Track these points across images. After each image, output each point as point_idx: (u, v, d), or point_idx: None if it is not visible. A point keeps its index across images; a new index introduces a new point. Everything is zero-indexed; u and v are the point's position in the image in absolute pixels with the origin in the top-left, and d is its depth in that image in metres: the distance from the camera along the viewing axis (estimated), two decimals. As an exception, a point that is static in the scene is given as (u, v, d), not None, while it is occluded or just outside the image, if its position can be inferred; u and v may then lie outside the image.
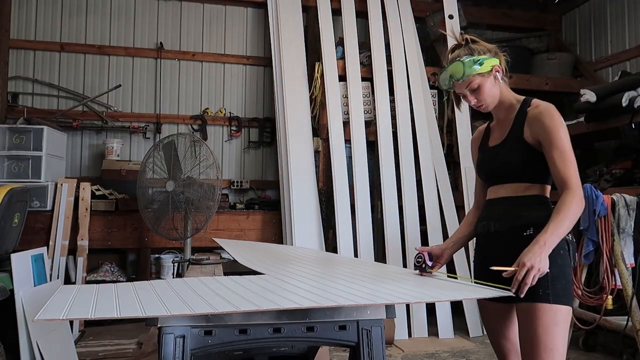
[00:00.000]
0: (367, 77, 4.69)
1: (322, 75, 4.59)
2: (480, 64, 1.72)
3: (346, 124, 4.55)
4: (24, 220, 3.52)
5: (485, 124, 1.98)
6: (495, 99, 1.78)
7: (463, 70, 1.72)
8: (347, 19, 4.78)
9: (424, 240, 4.33)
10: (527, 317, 1.64)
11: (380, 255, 4.51)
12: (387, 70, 4.68)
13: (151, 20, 5.11)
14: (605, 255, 3.26)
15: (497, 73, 1.76)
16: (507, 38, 5.63)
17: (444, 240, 2.02)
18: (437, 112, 4.82)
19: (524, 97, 1.81)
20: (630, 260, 3.24)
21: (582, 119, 4.35)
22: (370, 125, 4.62)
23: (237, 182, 5.06)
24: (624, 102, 3.76)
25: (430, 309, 4.22)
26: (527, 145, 1.71)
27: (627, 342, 3.38)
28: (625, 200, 3.28)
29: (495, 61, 1.76)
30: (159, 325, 1.36)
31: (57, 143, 4.44)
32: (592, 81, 5.03)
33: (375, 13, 4.83)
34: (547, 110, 1.69)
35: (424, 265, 1.84)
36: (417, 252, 1.88)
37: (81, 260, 4.13)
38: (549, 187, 1.76)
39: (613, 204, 3.27)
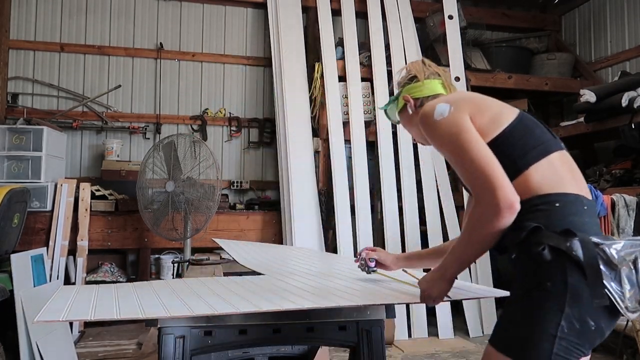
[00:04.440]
0: (367, 77, 4.68)
1: (321, 76, 4.58)
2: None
3: (346, 124, 4.55)
4: (24, 221, 3.52)
5: None
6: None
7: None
8: (347, 20, 4.78)
9: (424, 241, 4.32)
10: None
11: (380, 255, 4.50)
12: (387, 70, 4.68)
13: (151, 20, 5.11)
14: (605, 255, 3.25)
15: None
16: (507, 38, 5.63)
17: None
18: (436, 112, 4.81)
19: None
20: (630, 260, 3.23)
21: (582, 119, 4.35)
22: (370, 126, 4.62)
23: (237, 182, 5.05)
24: (624, 102, 3.77)
25: (430, 309, 4.22)
26: None
27: (627, 342, 3.37)
28: (625, 200, 3.28)
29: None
30: (158, 326, 1.36)
31: (57, 143, 4.44)
32: (591, 81, 5.03)
33: (375, 13, 4.82)
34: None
35: (366, 268, 1.81)
36: (361, 254, 1.85)
37: (81, 261, 4.13)
38: None
39: (613, 204, 3.27)
